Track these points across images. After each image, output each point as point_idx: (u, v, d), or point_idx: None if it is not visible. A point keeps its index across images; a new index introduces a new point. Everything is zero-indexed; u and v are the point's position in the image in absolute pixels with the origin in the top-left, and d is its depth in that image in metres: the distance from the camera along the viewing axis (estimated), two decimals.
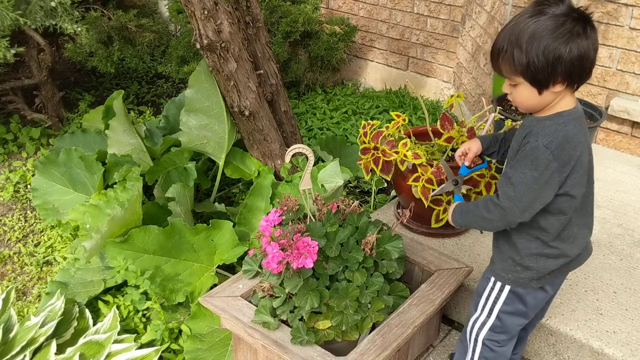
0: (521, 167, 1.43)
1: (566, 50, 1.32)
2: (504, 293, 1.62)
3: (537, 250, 1.55)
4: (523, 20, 1.36)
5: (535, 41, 1.33)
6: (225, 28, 2.43)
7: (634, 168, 2.92)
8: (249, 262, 1.94)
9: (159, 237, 2.25)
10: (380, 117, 3.97)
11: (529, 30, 1.34)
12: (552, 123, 1.42)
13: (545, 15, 1.34)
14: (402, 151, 2.14)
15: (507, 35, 1.38)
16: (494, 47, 1.42)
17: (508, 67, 1.39)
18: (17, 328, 2.12)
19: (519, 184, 1.43)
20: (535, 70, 1.36)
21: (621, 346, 1.83)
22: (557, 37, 1.32)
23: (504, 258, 1.60)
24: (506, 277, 1.60)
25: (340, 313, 1.72)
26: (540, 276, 1.58)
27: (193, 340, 2.12)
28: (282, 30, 3.93)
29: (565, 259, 1.57)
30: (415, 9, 4.19)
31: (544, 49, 1.32)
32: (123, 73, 4.71)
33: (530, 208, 1.45)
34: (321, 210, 1.84)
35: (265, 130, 2.73)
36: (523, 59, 1.35)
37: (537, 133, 1.42)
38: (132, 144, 2.87)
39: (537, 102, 1.43)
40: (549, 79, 1.36)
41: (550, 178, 1.40)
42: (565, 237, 1.55)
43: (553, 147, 1.38)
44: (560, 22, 1.32)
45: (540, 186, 1.41)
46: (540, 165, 1.39)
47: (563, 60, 1.33)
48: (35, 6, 2.30)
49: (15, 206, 3.20)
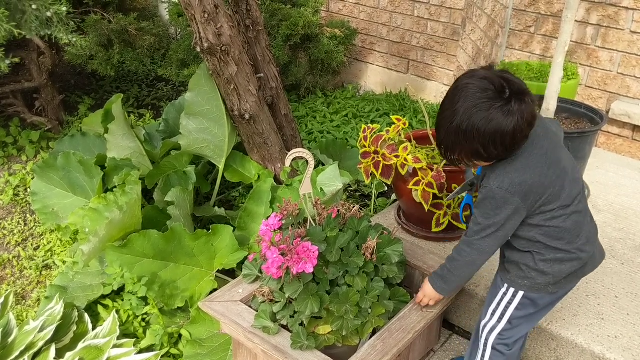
0: (481, 209, 1.52)
1: (505, 124, 1.40)
2: (517, 299, 1.63)
3: (549, 255, 1.56)
4: (459, 115, 1.45)
5: (479, 132, 1.42)
6: (226, 31, 2.43)
7: (635, 172, 2.91)
8: (248, 267, 1.93)
9: (159, 242, 2.25)
10: (380, 121, 3.97)
11: (468, 124, 1.43)
12: (502, 167, 1.49)
13: (483, 97, 1.43)
14: (402, 155, 2.13)
15: (451, 137, 1.48)
16: (442, 148, 1.54)
17: (465, 159, 1.50)
18: (16, 332, 2.11)
19: (482, 217, 1.52)
20: (489, 156, 1.46)
21: (623, 351, 1.82)
22: (495, 117, 1.40)
23: (518, 266, 1.61)
24: (522, 283, 1.61)
25: (341, 318, 1.71)
26: (557, 280, 1.59)
27: (193, 345, 2.11)
28: (282, 33, 3.93)
29: (580, 261, 1.58)
30: (416, 12, 4.19)
31: (492, 134, 1.42)
32: (123, 76, 4.71)
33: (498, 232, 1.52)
34: (321, 214, 1.84)
35: (266, 133, 2.73)
36: (477, 147, 1.44)
37: (488, 177, 1.51)
38: (131, 148, 2.86)
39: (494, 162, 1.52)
40: (504, 152, 1.45)
41: (508, 216, 1.49)
42: (577, 239, 1.56)
43: (506, 185, 1.46)
44: (493, 100, 1.41)
45: (503, 222, 1.49)
46: (498, 205, 1.48)
47: (505, 133, 1.40)
48: (31, 16, 2.29)
49: (15, 210, 3.19)
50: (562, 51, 2.47)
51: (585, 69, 3.08)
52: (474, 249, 1.58)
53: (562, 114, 2.60)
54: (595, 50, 3.01)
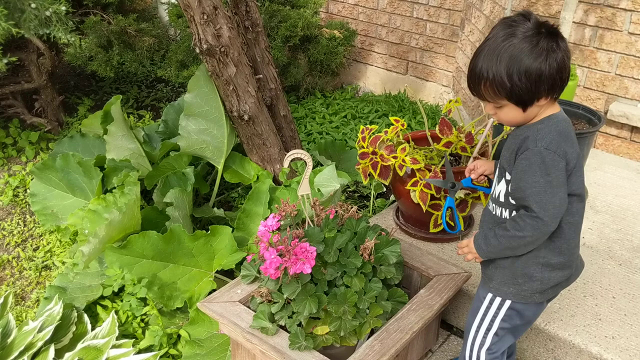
0: (531, 177, 1.41)
1: (546, 68, 1.36)
2: (503, 310, 1.58)
3: (544, 259, 1.51)
4: (498, 44, 1.39)
5: (515, 65, 1.36)
6: (225, 33, 2.44)
7: (632, 173, 2.92)
8: (247, 268, 1.93)
9: (158, 243, 2.25)
10: (379, 122, 3.97)
11: (506, 55, 1.37)
12: (544, 126, 1.43)
13: (518, 38, 1.37)
14: (400, 156, 2.14)
15: (485, 61, 1.40)
16: (473, 74, 1.43)
17: (491, 92, 1.41)
18: (15, 333, 2.12)
19: (540, 194, 1.40)
20: (519, 92, 1.39)
21: (620, 352, 1.83)
22: (535, 57, 1.36)
23: (503, 272, 1.56)
24: (507, 290, 1.56)
25: (339, 318, 1.72)
26: (545, 289, 1.54)
27: (192, 346, 2.12)
28: (281, 34, 3.93)
29: (569, 270, 1.55)
30: (415, 14, 4.20)
31: (525, 71, 1.36)
32: (123, 77, 4.71)
33: (559, 212, 1.42)
34: (319, 215, 1.84)
35: (265, 134, 2.73)
36: (506, 84, 1.38)
37: (535, 138, 1.42)
38: (130, 149, 2.87)
39: (523, 118, 1.45)
40: (533, 97, 1.40)
41: (563, 177, 1.41)
42: (573, 245, 1.54)
43: (554, 147, 1.39)
44: (534, 42, 1.36)
45: (556, 188, 1.40)
46: (548, 167, 1.39)
47: (545, 77, 1.37)
48: (30, 15, 2.29)
49: (15, 210, 3.19)
50: None
51: (583, 70, 3.09)
52: (535, 227, 1.43)
53: None
54: (593, 52, 3.02)
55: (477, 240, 1.58)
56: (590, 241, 2.37)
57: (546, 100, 1.41)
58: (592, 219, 2.52)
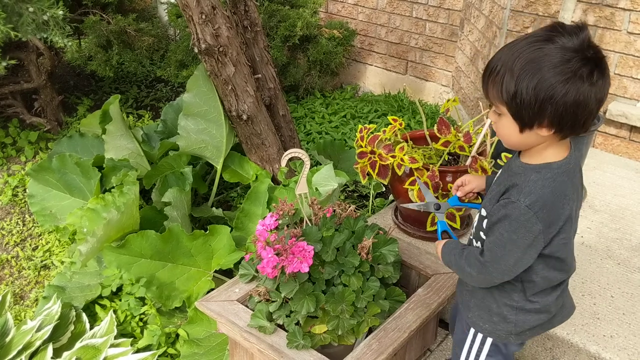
0: (500, 228, 1.28)
1: (561, 92, 1.14)
2: (487, 346, 1.49)
3: (517, 304, 1.40)
4: (527, 43, 1.18)
5: (530, 70, 1.15)
6: (223, 32, 2.44)
7: (631, 172, 2.92)
8: (245, 267, 1.93)
9: (157, 242, 2.25)
10: (379, 121, 3.98)
11: (528, 57, 1.16)
12: (538, 177, 1.25)
13: (553, 45, 1.15)
14: (399, 155, 2.14)
15: (504, 55, 1.21)
16: (488, 66, 1.25)
17: (495, 92, 1.22)
18: (13, 332, 2.12)
19: (498, 246, 1.29)
20: (520, 104, 1.18)
21: (618, 351, 1.83)
22: (556, 74, 1.14)
23: (480, 305, 1.46)
24: (484, 327, 1.46)
25: (336, 317, 1.72)
26: (520, 331, 1.43)
27: (190, 345, 2.12)
28: (280, 34, 3.93)
29: (548, 314, 1.42)
30: (414, 13, 4.20)
31: (537, 83, 1.15)
32: (122, 77, 4.71)
33: (510, 272, 1.31)
34: (317, 214, 1.84)
35: (263, 134, 2.74)
36: (511, 87, 1.18)
37: (520, 189, 1.25)
38: (129, 149, 2.87)
39: (518, 140, 1.26)
40: (534, 118, 1.19)
41: (533, 241, 1.25)
42: (550, 294, 1.40)
43: (537, 207, 1.22)
44: (566, 57, 1.14)
45: (521, 250, 1.26)
46: (521, 228, 1.24)
47: (555, 102, 1.15)
48: (27, 19, 2.30)
49: (14, 210, 3.20)
50: None
51: None
52: (480, 272, 1.36)
53: None
54: None
55: (444, 248, 1.51)
56: (588, 240, 2.37)
57: (549, 133, 1.20)
58: (591, 219, 2.52)
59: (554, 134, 1.21)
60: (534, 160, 1.28)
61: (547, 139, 1.24)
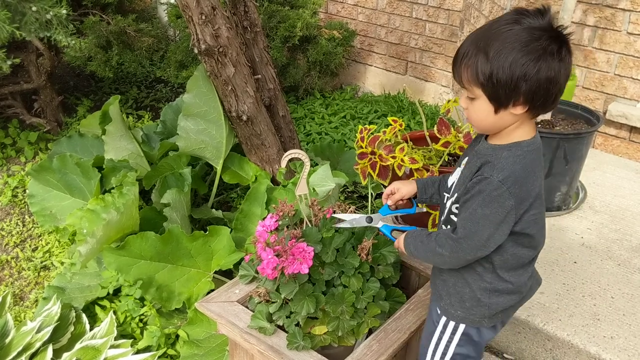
0: (473, 204, 1.30)
1: (534, 69, 1.19)
2: (457, 334, 1.48)
3: (490, 285, 1.41)
4: (497, 26, 1.23)
5: (504, 50, 1.20)
6: (223, 33, 2.43)
7: (632, 173, 2.91)
8: (245, 268, 1.93)
9: (156, 244, 2.25)
10: (379, 122, 3.97)
11: (499, 38, 1.21)
12: (509, 154, 1.29)
13: (521, 26, 1.21)
14: (399, 156, 2.14)
15: (475, 39, 1.25)
16: (459, 51, 1.28)
17: (469, 75, 1.25)
18: (13, 333, 2.12)
19: (471, 222, 1.31)
20: (496, 84, 1.22)
21: (618, 352, 1.83)
22: (528, 52, 1.19)
23: (451, 292, 1.47)
24: (456, 314, 1.46)
25: (337, 318, 1.71)
26: (493, 314, 1.44)
27: (190, 346, 2.12)
28: (280, 35, 3.93)
29: (520, 295, 1.45)
30: (414, 14, 4.20)
31: (512, 62, 1.19)
32: (122, 78, 4.71)
33: (483, 247, 1.32)
34: (317, 215, 1.84)
35: (263, 135, 2.73)
36: (487, 68, 1.21)
37: (493, 165, 1.28)
38: (129, 149, 2.87)
39: (492, 122, 1.29)
40: (510, 96, 1.23)
41: (506, 217, 1.28)
42: (521, 274, 1.42)
43: (509, 182, 1.25)
44: (535, 36, 1.19)
45: (494, 225, 1.28)
46: (493, 203, 1.26)
47: (529, 79, 1.20)
48: (31, 18, 2.30)
49: (13, 211, 3.19)
50: None
51: (582, 70, 3.09)
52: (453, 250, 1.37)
53: (558, 115, 2.60)
54: (592, 52, 3.02)
55: (407, 238, 1.51)
56: (589, 241, 2.37)
57: (523, 111, 1.25)
58: (591, 219, 2.52)
59: (527, 112, 1.26)
60: (503, 141, 1.32)
61: (519, 118, 1.28)
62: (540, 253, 2.27)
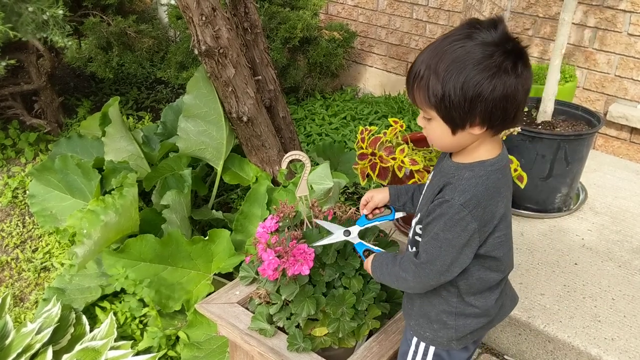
0: (435, 227, 1.24)
1: (489, 88, 1.12)
2: (429, 356, 1.43)
3: (456, 309, 1.36)
4: (447, 43, 1.16)
5: (455, 70, 1.13)
6: (223, 34, 2.43)
7: (632, 174, 2.91)
8: (245, 269, 1.93)
9: (156, 246, 2.25)
10: (379, 123, 3.97)
11: (451, 57, 1.13)
12: (471, 175, 1.22)
13: (473, 42, 1.13)
14: (399, 157, 2.13)
15: (426, 58, 1.17)
16: (410, 70, 1.20)
17: (422, 96, 1.18)
18: (13, 334, 2.11)
19: (433, 246, 1.25)
20: (449, 106, 1.15)
21: (620, 353, 1.82)
22: (481, 70, 1.12)
23: (419, 313, 1.42)
24: (425, 335, 1.41)
25: (337, 320, 1.71)
26: (461, 336, 1.38)
27: (190, 348, 2.12)
28: (281, 36, 3.93)
29: (488, 317, 1.39)
30: (414, 15, 4.20)
31: (464, 82, 1.12)
32: (122, 79, 4.71)
33: (446, 272, 1.27)
34: (318, 216, 1.84)
35: (264, 136, 2.73)
36: (438, 90, 1.14)
37: (455, 187, 1.22)
38: (129, 151, 2.87)
39: (450, 142, 1.23)
40: (465, 118, 1.16)
41: (469, 240, 1.22)
42: (488, 295, 1.37)
43: (471, 205, 1.19)
44: (488, 52, 1.12)
45: (457, 249, 1.23)
46: (456, 227, 1.21)
47: (484, 99, 1.13)
48: (27, 18, 2.29)
49: (14, 212, 3.19)
50: (559, 54, 2.48)
51: (582, 72, 3.08)
52: (415, 275, 1.32)
53: (559, 116, 2.60)
54: (593, 53, 3.01)
55: (374, 261, 1.47)
56: (589, 243, 2.37)
57: (481, 131, 1.18)
58: (592, 221, 2.52)
59: (487, 131, 1.20)
60: (466, 160, 1.26)
61: (479, 137, 1.22)
62: (541, 254, 2.28)
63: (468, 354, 1.46)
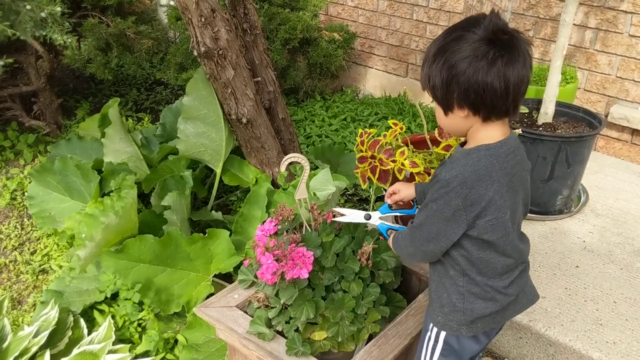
0: (428, 198, 1.35)
1: (461, 70, 1.21)
2: (440, 343, 1.48)
3: (463, 288, 1.40)
4: (442, 34, 1.28)
5: (439, 55, 1.25)
6: (223, 35, 2.42)
7: (634, 176, 2.90)
8: (244, 272, 1.92)
9: (155, 247, 2.24)
10: (379, 124, 3.96)
11: (439, 44, 1.26)
12: (463, 156, 1.30)
13: (464, 32, 1.23)
14: (399, 160, 2.12)
15: (428, 48, 1.31)
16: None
17: (421, 82, 1.35)
18: (10, 338, 2.10)
19: (424, 214, 1.37)
20: (433, 88, 1.28)
21: (621, 357, 1.81)
22: (458, 54, 1.21)
23: (433, 297, 1.49)
24: (437, 319, 1.47)
25: (336, 324, 1.70)
26: (470, 320, 1.42)
27: (189, 351, 2.10)
28: (280, 37, 3.92)
29: (495, 302, 1.41)
30: (415, 16, 4.19)
31: (442, 64, 1.24)
32: (122, 80, 4.70)
33: (434, 240, 1.35)
34: (317, 219, 1.83)
35: (263, 137, 2.72)
36: (427, 72, 1.29)
37: (445, 166, 1.32)
38: (128, 152, 2.85)
39: (448, 124, 1.34)
40: (448, 99, 1.27)
41: (453, 215, 1.29)
42: (499, 279, 1.40)
43: (455, 182, 1.27)
44: (473, 40, 1.21)
45: (442, 221, 1.31)
46: (440, 199, 1.30)
47: (457, 80, 1.23)
48: (25, 17, 2.28)
49: (12, 214, 3.18)
50: (560, 55, 2.47)
51: (584, 73, 3.07)
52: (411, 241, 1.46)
53: (560, 117, 2.59)
54: (594, 54, 3.00)
55: (394, 237, 1.57)
56: (591, 245, 2.35)
57: (466, 114, 1.28)
58: (593, 223, 2.50)
59: (475, 116, 1.28)
60: (469, 145, 1.34)
61: (472, 122, 1.30)
62: (542, 257, 2.27)
63: (479, 346, 1.49)
